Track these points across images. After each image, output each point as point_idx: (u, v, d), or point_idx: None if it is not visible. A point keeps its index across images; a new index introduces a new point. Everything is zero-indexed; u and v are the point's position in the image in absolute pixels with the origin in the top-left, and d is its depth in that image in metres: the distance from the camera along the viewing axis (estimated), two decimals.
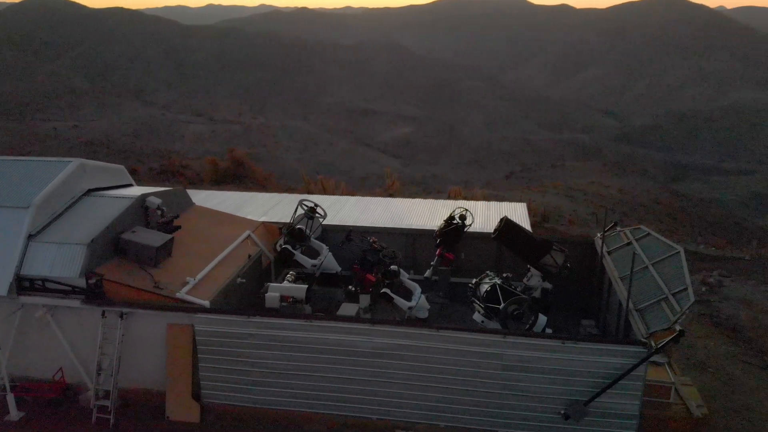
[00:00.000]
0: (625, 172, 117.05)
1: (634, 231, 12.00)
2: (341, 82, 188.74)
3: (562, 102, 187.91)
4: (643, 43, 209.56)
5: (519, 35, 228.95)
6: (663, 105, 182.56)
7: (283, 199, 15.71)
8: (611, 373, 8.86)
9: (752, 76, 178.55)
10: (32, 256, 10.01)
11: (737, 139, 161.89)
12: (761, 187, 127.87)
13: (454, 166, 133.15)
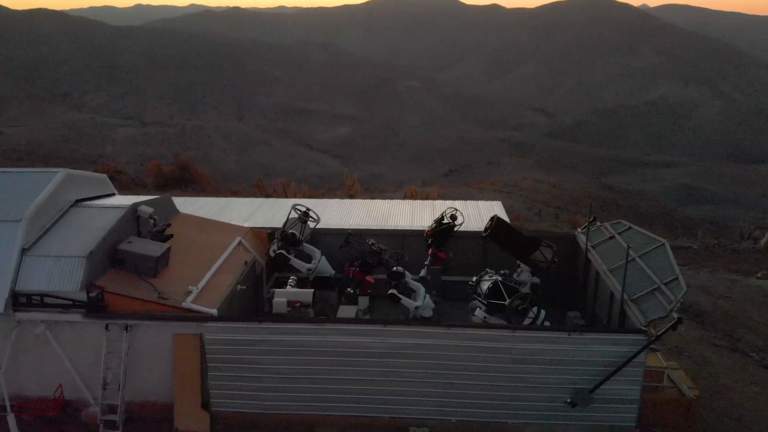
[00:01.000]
0: (558, 168, 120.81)
1: (614, 225, 12.58)
2: (277, 83, 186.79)
3: (496, 100, 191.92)
4: (572, 41, 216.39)
5: (452, 35, 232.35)
6: (592, 101, 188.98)
7: (262, 204, 15.65)
8: (614, 361, 9.32)
9: (676, 72, 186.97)
10: (27, 270, 9.69)
11: (663, 132, 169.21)
12: (687, 179, 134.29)
13: (394, 165, 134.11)
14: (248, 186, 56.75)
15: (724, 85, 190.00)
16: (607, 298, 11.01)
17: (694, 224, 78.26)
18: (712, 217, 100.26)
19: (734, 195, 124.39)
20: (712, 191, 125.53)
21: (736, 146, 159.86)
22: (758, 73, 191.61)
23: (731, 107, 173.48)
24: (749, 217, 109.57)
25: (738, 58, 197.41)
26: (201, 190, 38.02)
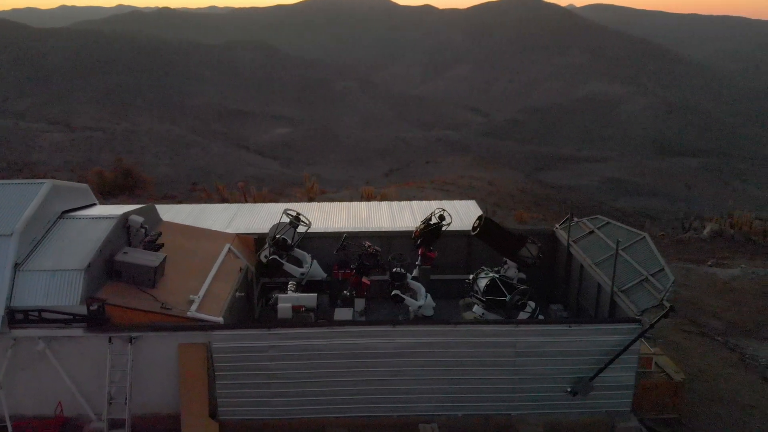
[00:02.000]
0: (494, 165, 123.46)
1: (592, 220, 13.17)
2: (210, 84, 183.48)
3: (432, 100, 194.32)
4: (504, 41, 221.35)
5: (386, 35, 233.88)
6: (524, 100, 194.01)
7: (239, 210, 15.50)
8: (611, 350, 9.82)
9: (603, 70, 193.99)
10: (22, 286, 9.39)
11: (592, 128, 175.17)
12: (615, 172, 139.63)
13: (334, 165, 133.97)
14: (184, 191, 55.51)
15: (647, 82, 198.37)
16: (594, 290, 11.53)
17: (624, 216, 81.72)
18: (640, 209, 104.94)
19: (659, 187, 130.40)
20: (639, 184, 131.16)
21: (660, 140, 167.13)
22: (679, 69, 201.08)
23: (655, 103, 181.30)
24: (674, 208, 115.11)
25: (660, 55, 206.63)
26: (149, 197, 37.00)
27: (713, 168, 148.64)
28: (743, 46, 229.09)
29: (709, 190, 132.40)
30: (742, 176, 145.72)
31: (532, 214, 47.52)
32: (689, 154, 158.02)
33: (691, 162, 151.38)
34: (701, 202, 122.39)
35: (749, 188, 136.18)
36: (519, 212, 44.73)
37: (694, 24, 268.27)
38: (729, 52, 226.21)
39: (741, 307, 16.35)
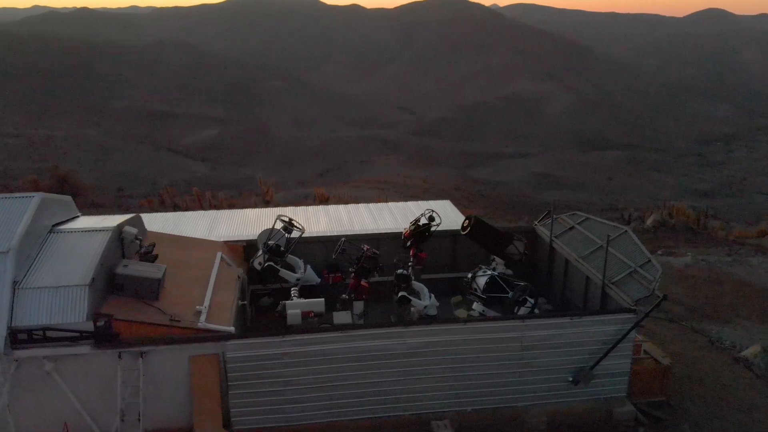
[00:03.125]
0: (426, 163, 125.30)
1: (571, 216, 13.74)
2: (133, 85, 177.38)
3: (363, 99, 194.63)
4: (431, 40, 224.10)
5: (315, 34, 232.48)
6: (452, 99, 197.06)
7: (216, 217, 15.30)
8: (608, 339, 10.34)
9: (527, 69, 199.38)
10: (23, 305, 9.04)
11: (517, 125, 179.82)
12: (541, 167, 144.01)
13: (266, 166, 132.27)
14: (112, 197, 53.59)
15: (571, 79, 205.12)
16: (582, 283, 12.06)
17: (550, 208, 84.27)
18: (566, 202, 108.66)
19: (583, 180, 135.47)
20: (564, 177, 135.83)
21: (583, 135, 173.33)
22: (600, 66, 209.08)
23: (578, 99, 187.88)
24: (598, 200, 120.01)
25: (582, 52, 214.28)
26: (93, 205, 35.63)
27: (633, 160, 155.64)
28: (658, 43, 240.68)
29: (630, 181, 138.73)
30: (659, 167, 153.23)
31: (463, 210, 48.72)
32: (610, 148, 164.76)
33: (612, 155, 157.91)
34: (623, 193, 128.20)
35: (667, 178, 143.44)
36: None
37: (612, 22, 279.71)
38: (645, 48, 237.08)
39: (698, 293, 17.40)
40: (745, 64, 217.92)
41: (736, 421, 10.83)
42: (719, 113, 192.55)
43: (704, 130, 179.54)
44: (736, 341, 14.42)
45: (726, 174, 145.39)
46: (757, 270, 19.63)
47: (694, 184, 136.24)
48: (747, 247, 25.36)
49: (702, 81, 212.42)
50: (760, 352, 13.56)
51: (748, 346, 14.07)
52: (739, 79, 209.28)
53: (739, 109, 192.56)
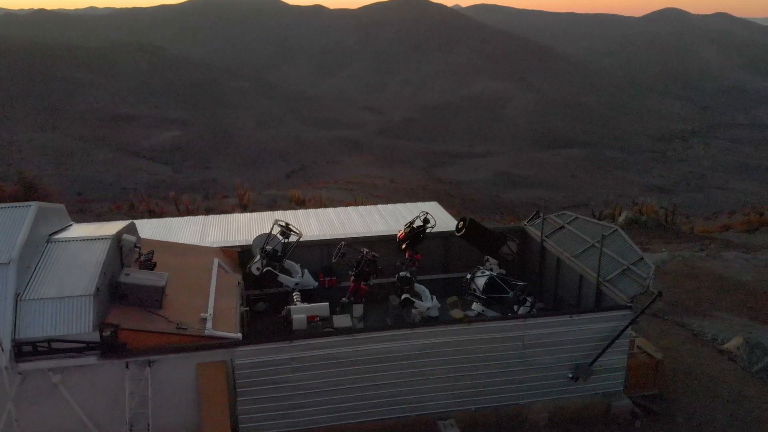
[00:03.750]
0: (393, 163, 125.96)
1: (560, 216, 14.03)
2: (93, 87, 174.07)
3: (328, 100, 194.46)
4: (394, 41, 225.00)
5: (278, 35, 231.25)
6: (416, 99, 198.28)
7: (205, 223, 15.17)
8: (606, 336, 10.62)
9: (489, 68, 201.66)
10: (27, 316, 8.85)
11: (481, 125, 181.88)
12: (504, 166, 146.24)
13: (231, 168, 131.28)
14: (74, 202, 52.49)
15: (532, 79, 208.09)
16: (576, 281, 12.33)
17: (516, 207, 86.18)
18: (530, 200, 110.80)
19: (546, 178, 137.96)
20: (527, 176, 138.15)
21: (545, 134, 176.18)
22: (560, 65, 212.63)
23: (539, 99, 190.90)
24: (561, 198, 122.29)
25: (542, 52, 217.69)
26: None
27: (594, 158, 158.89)
28: (616, 42, 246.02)
29: (592, 178, 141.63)
30: (620, 164, 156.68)
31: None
32: (571, 146, 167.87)
33: (574, 153, 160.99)
34: (586, 191, 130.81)
35: (627, 175, 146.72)
36: None
37: (572, 22, 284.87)
38: (604, 48, 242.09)
39: (676, 288, 17.91)
40: (701, 62, 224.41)
41: (726, 411, 11.24)
42: (677, 111, 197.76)
43: (663, 127, 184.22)
44: (718, 334, 14.92)
45: (684, 170, 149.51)
46: (732, 264, 20.30)
47: (653, 180, 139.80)
48: (717, 242, 26.17)
49: (660, 79, 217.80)
50: (742, 344, 14.06)
51: (729, 338, 14.58)
52: (697, 78, 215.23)
53: (697, 107, 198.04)
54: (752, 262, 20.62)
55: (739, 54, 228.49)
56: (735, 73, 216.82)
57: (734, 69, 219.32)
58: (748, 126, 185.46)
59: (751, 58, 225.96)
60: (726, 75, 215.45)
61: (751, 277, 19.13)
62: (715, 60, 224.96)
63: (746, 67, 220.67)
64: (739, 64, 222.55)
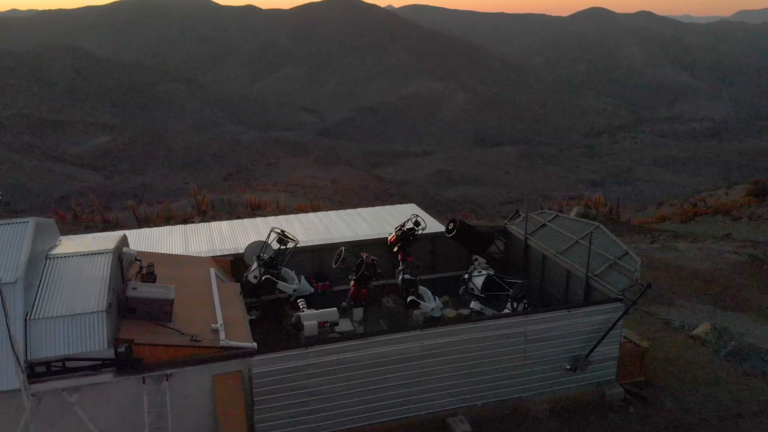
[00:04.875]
0: (333, 164, 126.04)
1: (540, 215, 14.57)
2: (16, 93, 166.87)
3: (264, 101, 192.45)
4: (329, 41, 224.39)
5: (210, 36, 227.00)
6: (354, 99, 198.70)
7: (187, 232, 14.99)
8: (600, 328, 11.16)
9: (424, 69, 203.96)
10: (38, 336, 8.61)
11: (419, 125, 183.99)
12: (442, 165, 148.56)
13: (166, 173, 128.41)
14: None
15: (465, 78, 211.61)
16: (563, 276, 12.86)
17: (456, 205, 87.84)
18: (469, 197, 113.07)
19: (482, 175, 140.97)
20: (465, 174, 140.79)
21: (480, 132, 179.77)
22: (492, 65, 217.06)
23: (474, 98, 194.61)
24: (497, 194, 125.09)
25: (475, 52, 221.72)
26: None
27: (527, 154, 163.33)
28: (545, 41, 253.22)
29: (526, 174, 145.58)
30: (552, 160, 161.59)
31: None
32: (506, 143, 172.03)
33: (508, 150, 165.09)
34: (521, 186, 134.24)
35: (559, 171, 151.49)
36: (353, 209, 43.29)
37: (502, 22, 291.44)
38: (533, 47, 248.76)
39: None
40: (626, 59, 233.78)
41: (707, 393, 11.99)
42: (604, 107, 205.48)
43: (592, 123, 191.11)
44: (684, 321, 15.82)
45: (613, 164, 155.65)
46: (686, 254, 21.49)
47: (584, 174, 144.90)
48: (665, 233, 27.56)
49: (588, 77, 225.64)
50: (710, 329, 14.98)
51: (696, 325, 15.49)
52: (622, 74, 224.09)
53: (623, 103, 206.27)
54: (704, 251, 21.88)
55: (662, 51, 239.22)
56: (658, 69, 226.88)
57: (657, 65, 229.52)
58: (671, 120, 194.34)
59: (673, 55, 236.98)
60: (649, 71, 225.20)
61: (705, 266, 20.31)
62: (639, 57, 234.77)
63: (668, 64, 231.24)
64: (661, 60, 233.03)
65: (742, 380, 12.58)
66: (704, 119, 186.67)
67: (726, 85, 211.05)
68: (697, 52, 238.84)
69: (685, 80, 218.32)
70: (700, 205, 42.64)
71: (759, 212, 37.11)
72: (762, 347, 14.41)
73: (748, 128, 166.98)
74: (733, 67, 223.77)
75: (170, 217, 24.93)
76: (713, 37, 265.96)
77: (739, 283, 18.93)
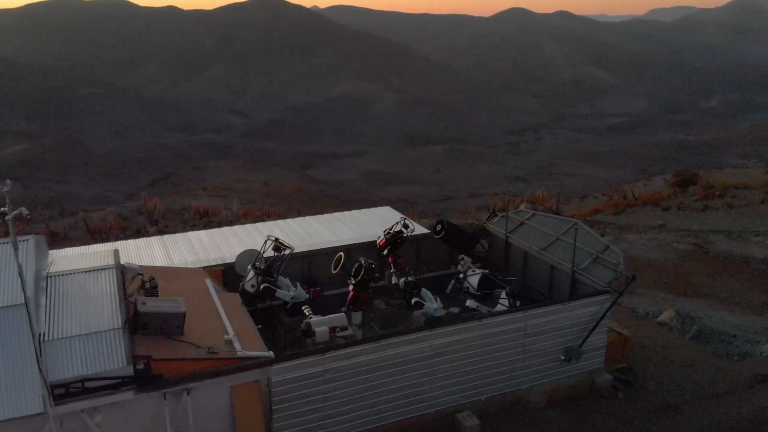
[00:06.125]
0: (264, 167, 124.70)
1: (517, 213, 15.14)
2: None
3: (188, 104, 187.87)
4: (255, 42, 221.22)
5: (130, 38, 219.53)
6: (282, 100, 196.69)
7: (167, 243, 14.70)
8: (590, 319, 11.77)
9: (352, 69, 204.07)
10: (54, 357, 8.41)
11: (349, 125, 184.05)
12: (374, 165, 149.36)
13: (87, 180, 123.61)
14: None
15: (393, 79, 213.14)
16: (547, 272, 13.43)
17: (390, 204, 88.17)
18: (402, 195, 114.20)
19: (414, 174, 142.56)
20: (396, 173, 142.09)
21: (410, 132, 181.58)
22: (420, 65, 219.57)
23: (402, 98, 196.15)
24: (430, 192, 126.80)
25: (401, 53, 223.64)
26: None
27: (455, 153, 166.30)
28: (469, 42, 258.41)
29: (455, 172, 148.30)
30: (480, 158, 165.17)
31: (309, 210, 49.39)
32: (434, 143, 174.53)
33: (437, 149, 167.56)
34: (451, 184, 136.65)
35: (487, 168, 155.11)
36: (285, 212, 39.57)
37: (427, 23, 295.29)
38: (458, 47, 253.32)
39: None
40: (546, 58, 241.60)
41: (684, 375, 12.82)
42: (527, 105, 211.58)
43: (515, 121, 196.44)
44: (648, 309, 16.78)
45: (537, 160, 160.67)
46: (637, 245, 22.69)
47: (510, 171, 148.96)
48: (611, 226, 28.92)
49: (510, 75, 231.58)
50: (674, 315, 15.96)
51: (659, 312, 16.47)
52: (542, 73, 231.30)
53: (544, 100, 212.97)
54: (653, 242, 23.17)
55: (579, 49, 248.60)
56: (576, 67, 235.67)
57: (576, 63, 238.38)
58: (591, 116, 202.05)
59: (590, 53, 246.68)
60: (568, 69, 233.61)
61: (656, 256, 21.53)
62: (558, 55, 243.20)
63: (586, 61, 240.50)
64: (579, 58, 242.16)
65: (713, 361, 13.53)
66: (621, 114, 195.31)
67: (641, 81, 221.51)
68: (613, 50, 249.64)
69: (602, 77, 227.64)
70: (630, 196, 44.64)
71: (686, 202, 39.45)
72: (721, 330, 15.50)
73: (663, 122, 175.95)
74: (647, 63, 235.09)
75: (124, 228, 24.19)
76: (628, 35, 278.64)
77: (690, 270, 20.20)
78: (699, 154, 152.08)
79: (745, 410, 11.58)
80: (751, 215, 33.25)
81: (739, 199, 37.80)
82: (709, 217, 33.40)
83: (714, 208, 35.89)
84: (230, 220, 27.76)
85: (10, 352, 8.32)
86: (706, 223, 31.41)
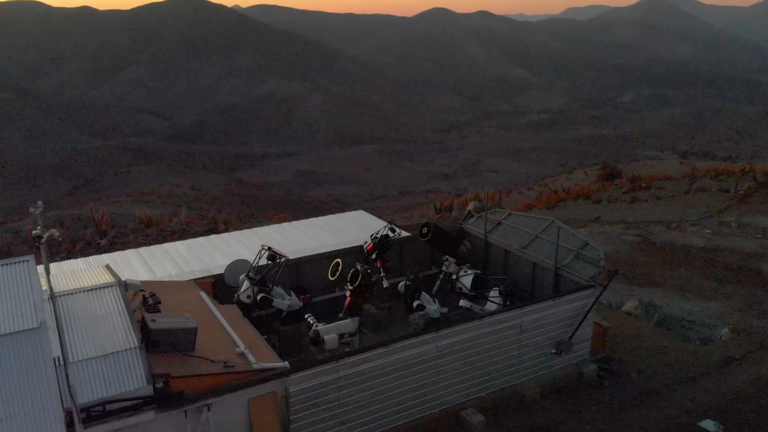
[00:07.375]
0: (189, 170, 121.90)
1: (494, 213, 15.59)
2: None
3: (105, 107, 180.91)
4: (175, 42, 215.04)
5: (43, 40, 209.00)
6: (205, 101, 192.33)
7: (147, 255, 14.31)
8: (576, 313, 12.34)
9: (277, 69, 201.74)
10: (73, 381, 8.15)
11: (277, 126, 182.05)
12: (304, 165, 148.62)
13: (0, 190, 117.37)
14: None
15: (319, 79, 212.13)
16: (528, 269, 13.93)
17: (323, 204, 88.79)
18: (334, 196, 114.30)
19: (345, 174, 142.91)
20: (328, 173, 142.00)
21: (339, 131, 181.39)
22: (344, 65, 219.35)
23: (329, 98, 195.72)
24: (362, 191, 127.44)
25: (326, 52, 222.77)
26: None
27: (385, 152, 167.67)
28: (393, 42, 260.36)
29: (386, 171, 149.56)
30: (408, 156, 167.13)
31: (240, 212, 48.74)
32: (364, 142, 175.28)
33: (367, 149, 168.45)
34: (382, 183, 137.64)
35: (416, 166, 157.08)
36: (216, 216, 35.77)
37: (351, 23, 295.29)
38: (382, 47, 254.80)
39: None
40: (469, 57, 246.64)
41: (660, 360, 13.61)
42: (452, 104, 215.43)
43: (441, 120, 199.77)
44: (610, 299, 17.65)
45: (463, 157, 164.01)
46: (589, 239, 23.71)
47: (438, 168, 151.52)
48: None
49: (434, 75, 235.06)
50: (638, 305, 16.85)
51: (621, 302, 17.36)
52: (465, 72, 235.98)
53: (468, 99, 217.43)
54: (604, 234, 24.28)
55: (500, 48, 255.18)
56: (497, 65, 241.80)
57: (497, 62, 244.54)
58: (513, 113, 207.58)
59: (511, 52, 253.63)
60: (490, 68, 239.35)
61: (608, 248, 22.54)
62: (479, 55, 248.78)
63: (506, 60, 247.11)
64: (500, 57, 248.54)
65: (683, 347, 14.41)
66: (542, 111, 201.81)
67: (560, 79, 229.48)
68: (532, 48, 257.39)
69: (523, 75, 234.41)
70: (560, 190, 46.33)
71: (615, 195, 41.46)
72: (681, 317, 16.49)
73: (581, 117, 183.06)
74: (564, 61, 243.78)
75: (73, 242, 23.25)
76: (546, 34, 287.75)
77: (641, 261, 21.32)
78: (616, 147, 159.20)
79: (722, 389, 12.44)
80: (678, 205, 35.29)
81: (664, 191, 40.02)
82: (640, 208, 35.23)
83: (642, 199, 37.84)
84: (183, 229, 27.13)
85: (27, 378, 7.98)
86: (639, 214, 33.12)
